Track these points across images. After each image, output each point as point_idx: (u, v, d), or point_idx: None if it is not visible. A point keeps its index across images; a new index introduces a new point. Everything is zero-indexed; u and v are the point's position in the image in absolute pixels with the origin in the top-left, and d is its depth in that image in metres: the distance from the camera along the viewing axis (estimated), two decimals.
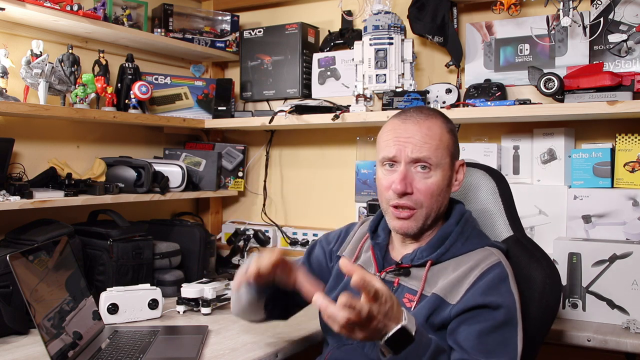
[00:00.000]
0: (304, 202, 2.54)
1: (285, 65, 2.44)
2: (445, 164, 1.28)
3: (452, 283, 1.22)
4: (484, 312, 1.16)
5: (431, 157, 1.25)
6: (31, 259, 1.38)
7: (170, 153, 2.50)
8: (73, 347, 1.38)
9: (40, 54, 1.91)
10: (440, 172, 1.26)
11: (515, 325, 1.17)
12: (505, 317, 1.16)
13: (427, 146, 1.25)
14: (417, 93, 1.99)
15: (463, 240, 1.28)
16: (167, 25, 2.38)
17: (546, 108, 1.80)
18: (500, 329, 1.16)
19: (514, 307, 1.18)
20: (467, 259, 1.25)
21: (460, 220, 1.31)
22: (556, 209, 1.85)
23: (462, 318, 1.18)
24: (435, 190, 1.26)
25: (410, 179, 1.25)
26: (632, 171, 1.77)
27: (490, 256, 1.24)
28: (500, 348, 1.15)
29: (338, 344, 1.35)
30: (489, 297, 1.17)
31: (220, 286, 1.88)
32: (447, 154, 1.28)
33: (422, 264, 1.27)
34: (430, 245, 1.29)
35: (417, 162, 1.25)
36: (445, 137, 1.28)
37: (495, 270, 1.21)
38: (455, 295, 1.20)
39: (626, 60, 1.83)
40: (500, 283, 1.19)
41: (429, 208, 1.27)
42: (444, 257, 1.27)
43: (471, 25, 2.13)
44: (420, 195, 1.25)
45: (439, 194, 1.27)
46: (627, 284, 1.61)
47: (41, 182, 1.96)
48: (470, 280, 1.20)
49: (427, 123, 1.28)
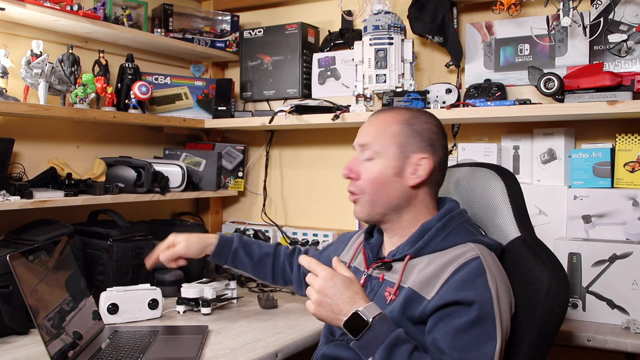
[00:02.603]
0: (304, 202, 2.54)
1: (285, 65, 2.44)
2: (390, 153, 1.30)
3: (427, 277, 1.22)
4: (459, 308, 1.15)
5: (371, 143, 1.32)
6: (31, 259, 1.38)
7: (170, 153, 2.50)
8: (73, 347, 1.38)
9: (40, 54, 1.91)
10: (384, 160, 1.30)
11: (492, 319, 1.15)
12: (479, 312, 1.14)
13: (373, 134, 1.33)
14: (417, 93, 1.99)
15: (443, 236, 1.28)
16: (167, 25, 2.38)
17: (546, 108, 1.80)
18: (475, 326, 1.14)
19: (490, 303, 1.15)
20: (445, 254, 1.25)
21: (445, 216, 1.31)
22: (556, 209, 1.85)
23: (437, 316, 1.17)
24: (376, 177, 1.30)
25: (355, 165, 1.34)
26: (632, 171, 1.77)
27: (469, 252, 1.23)
28: (476, 346, 1.13)
29: (328, 339, 1.38)
30: (462, 292, 1.15)
31: (220, 286, 1.88)
32: (392, 142, 1.30)
33: (402, 258, 1.29)
34: (410, 240, 1.31)
35: (362, 148, 1.33)
36: (393, 128, 1.31)
37: (471, 265, 1.19)
38: (431, 290, 1.19)
39: (626, 60, 1.83)
40: (476, 278, 1.17)
41: (372, 194, 1.31)
42: (422, 251, 1.28)
43: (471, 25, 2.13)
44: (361, 182, 1.32)
45: (382, 182, 1.30)
46: (627, 284, 1.61)
47: (41, 182, 1.96)
48: (445, 276, 1.19)
49: (381, 115, 1.37)
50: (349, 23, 2.34)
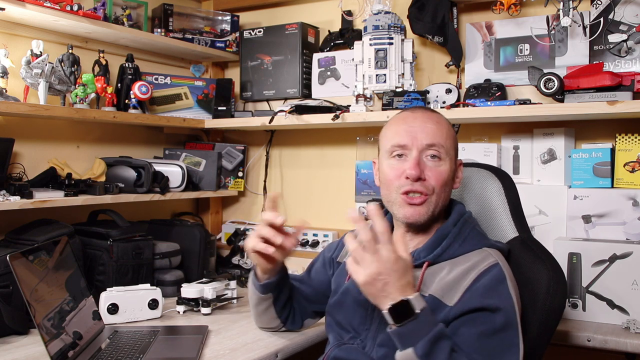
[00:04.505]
0: (304, 202, 2.54)
1: (285, 65, 2.44)
2: (452, 157, 1.32)
3: (448, 284, 1.22)
4: (483, 315, 1.16)
5: (443, 144, 1.29)
6: (31, 259, 1.38)
7: (170, 153, 2.50)
8: (73, 347, 1.38)
9: (40, 54, 1.91)
10: (449, 162, 1.30)
11: (515, 327, 1.17)
12: (504, 320, 1.15)
13: (440, 134, 1.29)
14: (417, 93, 1.99)
15: (460, 242, 1.29)
16: (167, 25, 2.38)
17: (546, 108, 1.80)
18: (500, 333, 1.15)
19: (513, 310, 1.17)
20: (464, 260, 1.25)
21: (459, 221, 1.32)
22: (556, 209, 1.85)
23: (461, 321, 1.17)
24: (446, 178, 1.29)
25: (422, 166, 1.28)
26: (632, 171, 1.77)
27: (488, 257, 1.24)
28: (502, 352, 1.14)
29: (338, 342, 1.35)
30: (487, 299, 1.16)
31: (220, 286, 1.88)
32: (453, 146, 1.33)
33: (420, 265, 1.27)
34: (427, 246, 1.30)
35: (430, 148, 1.28)
36: (451, 132, 1.34)
37: (492, 272, 1.21)
38: (453, 297, 1.20)
39: (626, 60, 1.83)
40: (499, 285, 1.19)
41: (438, 196, 1.28)
42: (441, 258, 1.28)
43: (471, 25, 2.13)
44: (433, 182, 1.27)
45: (447, 184, 1.30)
46: (627, 284, 1.61)
47: (41, 182, 1.96)
48: (467, 282, 1.20)
49: (436, 116, 1.34)
50: (349, 23, 2.34)
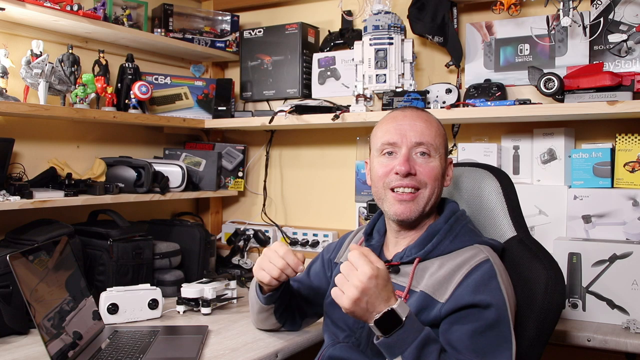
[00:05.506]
0: (304, 202, 2.54)
1: (285, 65, 2.44)
2: (442, 155, 1.33)
3: (439, 280, 1.22)
4: (475, 311, 1.16)
5: (432, 142, 1.30)
6: (31, 259, 1.38)
7: (170, 153, 2.50)
8: (73, 347, 1.38)
9: (40, 54, 1.91)
10: (439, 159, 1.32)
11: (507, 323, 1.16)
12: (496, 316, 1.15)
13: (428, 132, 1.31)
14: (417, 93, 1.99)
15: (451, 238, 1.29)
16: (167, 25, 2.38)
17: (546, 108, 1.80)
18: (493, 329, 1.15)
19: (504, 305, 1.17)
20: (455, 257, 1.26)
21: (451, 218, 1.32)
22: (556, 209, 1.85)
23: (453, 318, 1.18)
24: (437, 173, 1.31)
25: (412, 162, 1.29)
26: (632, 171, 1.77)
27: (479, 254, 1.24)
28: (495, 348, 1.14)
29: (333, 341, 1.36)
30: (478, 295, 1.17)
31: (220, 286, 1.88)
32: (443, 145, 1.34)
33: (411, 261, 1.29)
34: (418, 242, 1.31)
35: (419, 146, 1.30)
36: (441, 130, 1.35)
37: (483, 268, 1.21)
38: (444, 293, 1.20)
39: (626, 60, 1.83)
40: (489, 280, 1.19)
41: (431, 190, 1.30)
42: (432, 254, 1.28)
43: (471, 25, 2.13)
44: (423, 176, 1.29)
45: (438, 179, 1.31)
46: (627, 284, 1.61)
47: (41, 182, 1.96)
48: (458, 278, 1.20)
49: (426, 115, 1.36)
50: (349, 23, 2.34)
